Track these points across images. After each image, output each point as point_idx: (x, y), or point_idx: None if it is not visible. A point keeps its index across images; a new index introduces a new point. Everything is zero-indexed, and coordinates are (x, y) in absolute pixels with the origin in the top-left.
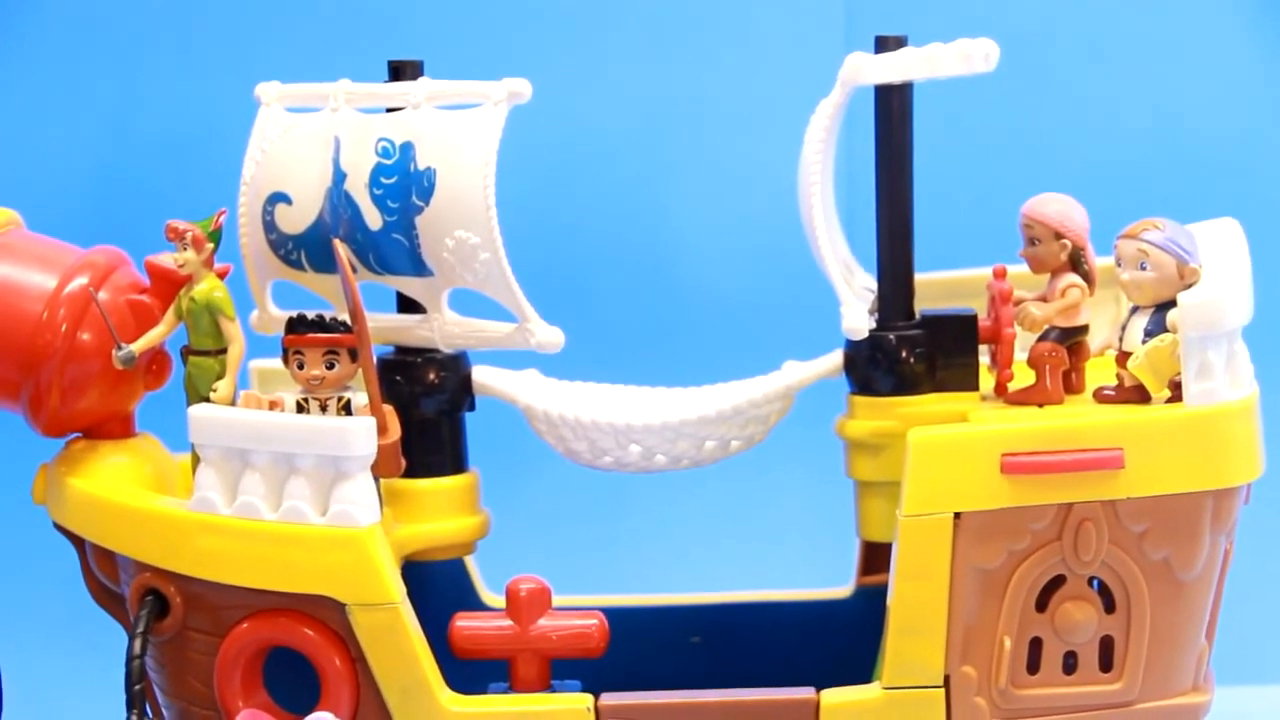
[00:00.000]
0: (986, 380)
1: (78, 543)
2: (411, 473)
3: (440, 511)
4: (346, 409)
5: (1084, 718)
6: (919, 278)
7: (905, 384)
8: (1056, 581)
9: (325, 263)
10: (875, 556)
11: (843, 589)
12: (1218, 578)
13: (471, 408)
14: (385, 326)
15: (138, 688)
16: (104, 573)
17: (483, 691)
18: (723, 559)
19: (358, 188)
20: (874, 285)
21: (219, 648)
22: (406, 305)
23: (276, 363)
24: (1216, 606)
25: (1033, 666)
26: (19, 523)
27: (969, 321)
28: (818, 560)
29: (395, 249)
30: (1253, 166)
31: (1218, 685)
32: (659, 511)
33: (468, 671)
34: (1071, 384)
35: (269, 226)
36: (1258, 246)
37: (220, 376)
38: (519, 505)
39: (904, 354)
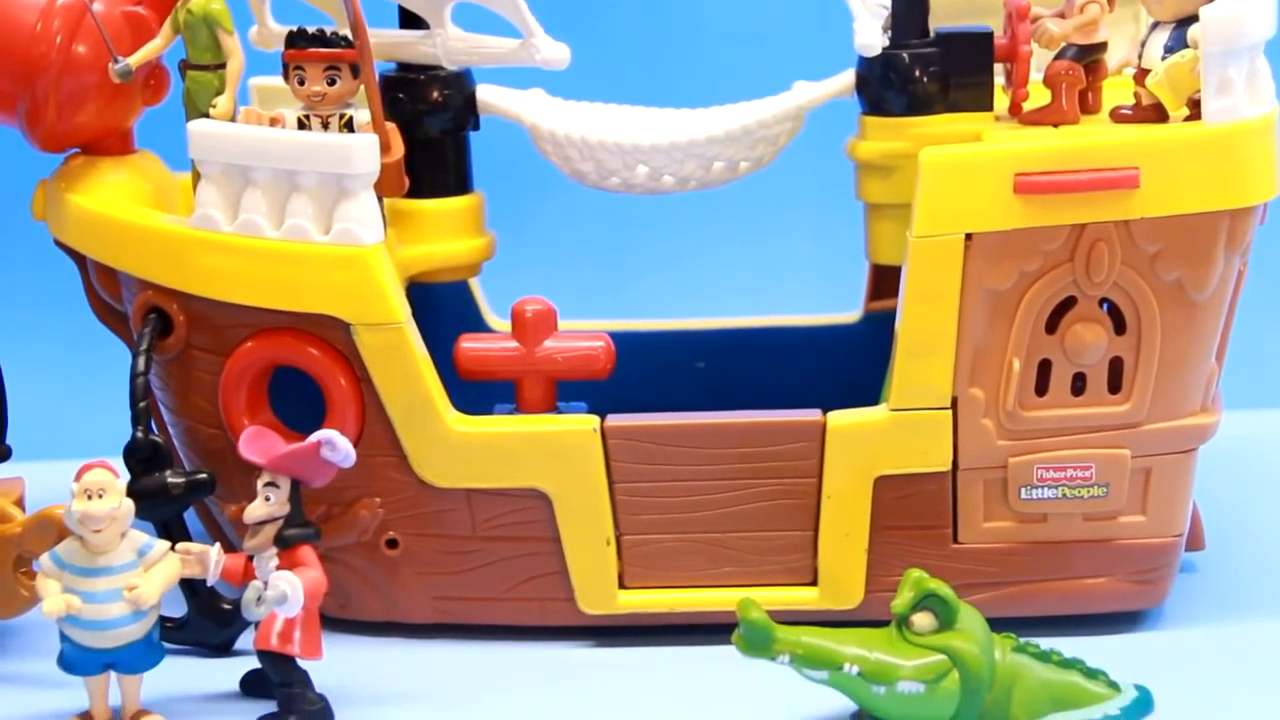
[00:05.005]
0: (1001, 100)
1: (79, 260)
2: (415, 193)
3: (444, 232)
4: (348, 126)
5: (1091, 438)
6: None
7: (918, 103)
8: (1067, 303)
9: None
10: (884, 281)
11: (851, 314)
12: (1230, 299)
13: (476, 127)
14: (387, 42)
15: (142, 405)
16: (106, 290)
17: (488, 413)
18: (729, 283)
19: None
20: (888, 1)
21: (223, 366)
22: (409, 20)
23: (277, 80)
24: (1227, 328)
25: (1041, 388)
26: (19, 238)
27: (984, 39)
28: (826, 285)
29: None
30: None
31: (1226, 409)
32: (666, 235)
33: (473, 394)
34: (1088, 103)
35: None
36: None
37: (219, 92)
38: (524, 228)
39: (917, 73)
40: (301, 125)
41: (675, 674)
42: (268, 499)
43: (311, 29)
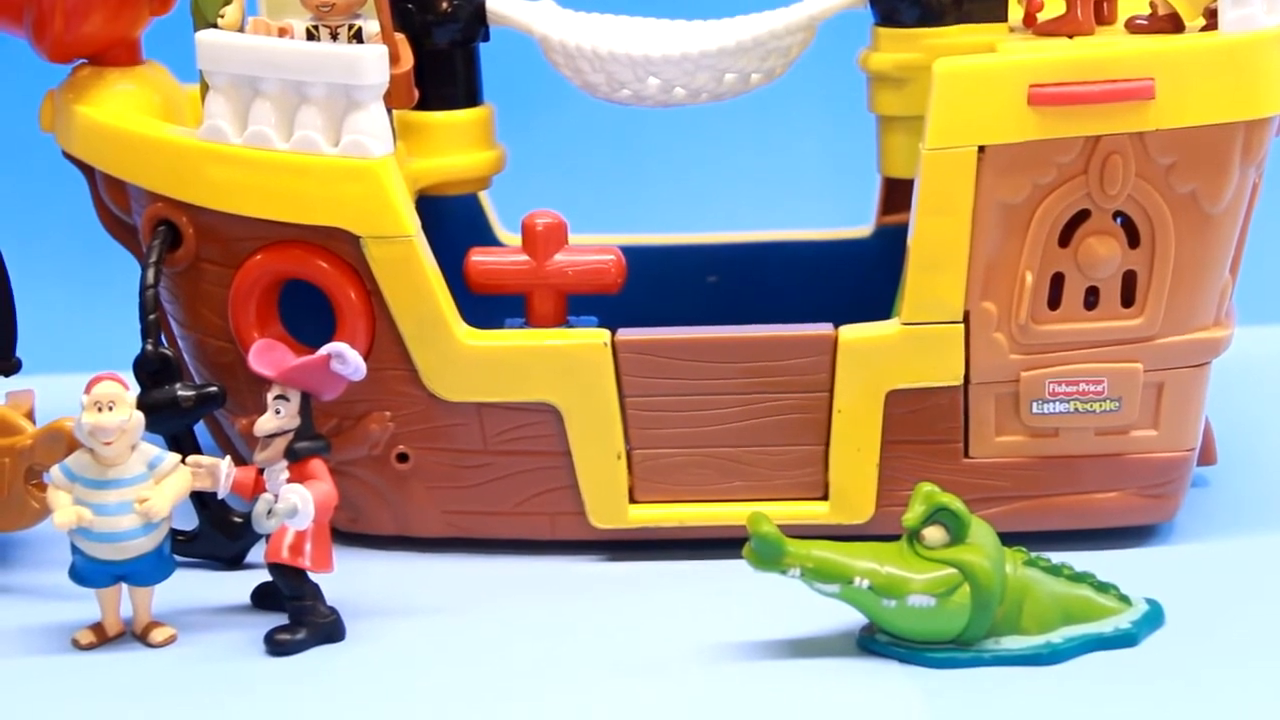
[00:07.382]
0: (1016, 11)
1: (87, 172)
2: (424, 105)
3: (454, 145)
4: (358, 37)
5: (1104, 353)
6: None
7: (931, 14)
8: (1081, 216)
9: None
10: (896, 194)
11: (863, 228)
12: (1245, 212)
13: (486, 38)
14: None
15: (152, 317)
16: (115, 203)
17: (499, 327)
18: (740, 197)
19: None
20: None
21: (233, 279)
22: None
23: None
24: (1242, 241)
25: (1054, 302)
26: (28, 150)
27: None
28: (837, 199)
29: None
30: None
31: (1240, 323)
32: (677, 148)
33: (483, 308)
34: (1103, 14)
35: None
36: None
37: (227, 2)
38: (534, 141)
39: None
40: (310, 36)
41: (685, 588)
42: (278, 412)
43: None
